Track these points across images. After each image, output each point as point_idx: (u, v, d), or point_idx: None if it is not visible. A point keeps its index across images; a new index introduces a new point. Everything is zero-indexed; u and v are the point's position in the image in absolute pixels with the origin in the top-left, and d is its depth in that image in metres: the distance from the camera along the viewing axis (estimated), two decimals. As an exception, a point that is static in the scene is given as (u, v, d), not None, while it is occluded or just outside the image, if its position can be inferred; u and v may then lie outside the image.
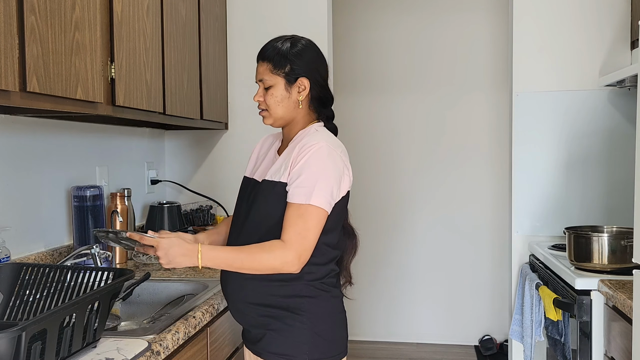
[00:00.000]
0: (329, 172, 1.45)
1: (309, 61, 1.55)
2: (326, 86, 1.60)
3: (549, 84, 2.88)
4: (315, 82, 1.56)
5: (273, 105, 1.55)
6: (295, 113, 1.57)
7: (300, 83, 1.54)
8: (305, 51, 1.56)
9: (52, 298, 1.42)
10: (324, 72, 1.60)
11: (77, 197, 2.11)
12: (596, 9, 2.82)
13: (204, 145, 2.97)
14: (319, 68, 1.58)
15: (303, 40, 1.59)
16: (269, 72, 1.55)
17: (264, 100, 1.56)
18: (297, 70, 1.54)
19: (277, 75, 1.54)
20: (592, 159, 2.84)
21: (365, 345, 4.11)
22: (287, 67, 1.54)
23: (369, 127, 4.15)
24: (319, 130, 1.56)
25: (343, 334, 1.61)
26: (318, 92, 1.57)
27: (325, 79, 1.60)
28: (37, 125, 1.98)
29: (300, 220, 1.42)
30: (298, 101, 1.55)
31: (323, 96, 1.59)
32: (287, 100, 1.55)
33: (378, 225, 4.16)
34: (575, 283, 2.12)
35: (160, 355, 1.35)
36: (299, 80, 1.54)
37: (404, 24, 4.09)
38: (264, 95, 1.56)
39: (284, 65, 1.54)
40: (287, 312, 1.49)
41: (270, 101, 1.55)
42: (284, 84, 1.54)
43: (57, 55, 1.46)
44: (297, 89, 1.55)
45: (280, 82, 1.54)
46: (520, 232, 2.93)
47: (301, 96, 1.55)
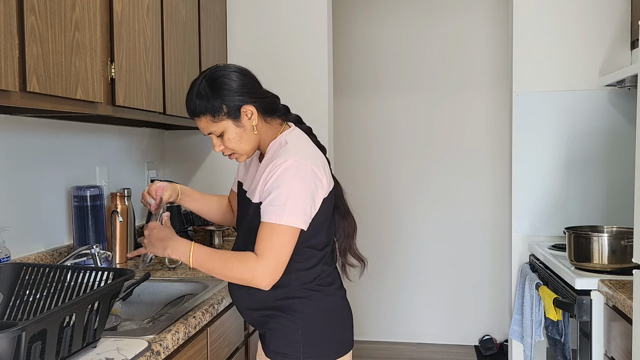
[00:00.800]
0: (299, 190, 1.42)
1: (236, 87, 1.47)
2: (264, 94, 1.53)
3: (549, 84, 2.88)
4: (255, 100, 1.49)
5: (236, 146, 1.51)
6: (258, 137, 1.52)
7: (245, 111, 1.48)
8: (225, 80, 1.47)
9: (52, 298, 1.42)
10: (254, 84, 1.52)
11: (77, 197, 2.11)
12: (596, 9, 2.82)
13: (204, 145, 2.97)
14: (248, 86, 1.49)
15: (215, 72, 1.49)
16: (212, 123, 1.48)
17: (226, 147, 1.52)
18: (233, 104, 1.46)
19: (221, 120, 1.47)
20: (592, 159, 2.84)
21: (366, 345, 4.11)
22: (224, 108, 1.46)
23: (368, 128, 4.15)
24: (288, 141, 1.51)
25: (342, 331, 1.59)
26: (262, 105, 1.51)
27: (259, 90, 1.52)
28: (37, 125, 1.98)
29: (274, 236, 1.40)
30: (253, 127, 1.50)
31: (269, 104, 1.53)
32: (245, 133, 1.50)
33: (378, 226, 4.15)
34: (575, 283, 2.12)
35: (160, 355, 1.35)
36: (241, 109, 1.48)
37: (403, 24, 4.08)
38: (222, 142, 1.51)
39: (219, 108, 1.46)
40: (280, 313, 1.51)
41: (232, 145, 1.50)
42: (232, 123, 1.48)
43: (57, 55, 1.46)
44: (246, 117, 1.49)
45: (228, 124, 1.48)
46: (520, 232, 2.93)
47: (253, 120, 1.49)
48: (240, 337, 1.99)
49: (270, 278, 1.41)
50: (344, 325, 1.60)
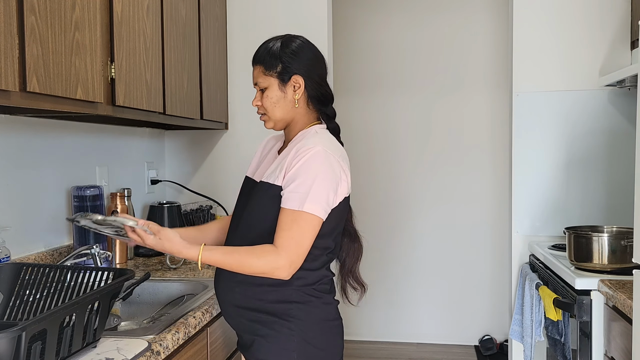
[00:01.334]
0: (324, 178, 1.41)
1: (301, 59, 1.51)
2: (323, 84, 1.56)
3: (549, 84, 2.88)
4: (311, 79, 1.52)
5: (270, 107, 1.53)
6: (293, 113, 1.54)
7: (295, 81, 1.51)
8: (297, 49, 1.52)
9: (52, 298, 1.42)
10: (320, 69, 1.56)
11: (77, 197, 2.11)
12: (596, 9, 2.82)
13: (204, 145, 2.97)
14: (314, 65, 1.53)
15: (296, 39, 1.55)
16: (262, 74, 1.53)
17: (262, 104, 1.54)
18: (289, 68, 1.50)
19: (270, 76, 1.51)
20: (592, 159, 2.84)
21: (365, 345, 4.11)
22: (279, 67, 1.50)
23: (368, 128, 4.15)
24: (318, 133, 1.52)
25: (336, 342, 1.54)
26: (315, 90, 1.53)
27: (322, 76, 1.56)
28: (37, 125, 1.98)
29: (295, 226, 1.38)
30: (294, 100, 1.52)
31: (321, 94, 1.55)
32: (283, 100, 1.52)
33: (378, 226, 4.16)
34: (575, 283, 2.12)
35: (160, 355, 1.35)
36: (292, 78, 1.51)
37: (403, 24, 4.09)
38: (261, 98, 1.54)
39: (275, 65, 1.51)
40: (275, 318, 1.46)
41: (267, 104, 1.53)
42: (277, 84, 1.51)
43: (57, 55, 1.46)
44: (292, 87, 1.51)
45: (273, 82, 1.51)
46: (520, 232, 2.93)
47: (297, 94, 1.51)
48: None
49: (292, 269, 1.39)
50: (336, 336, 1.55)
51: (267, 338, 1.46)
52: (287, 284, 1.45)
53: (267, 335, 1.46)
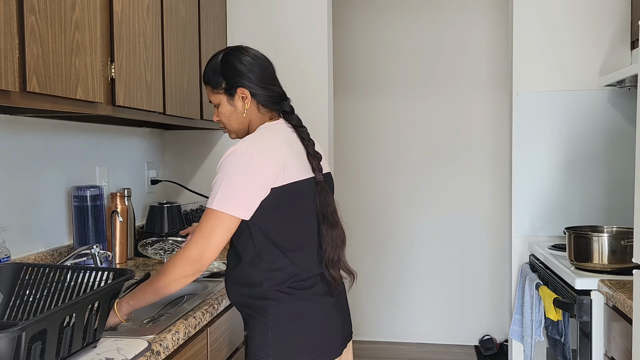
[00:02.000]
0: (233, 176, 1.43)
1: (242, 70, 1.56)
2: (269, 87, 1.59)
3: (549, 84, 2.88)
4: (256, 86, 1.57)
5: (226, 121, 1.62)
6: (247, 120, 1.60)
7: (241, 93, 1.57)
8: (236, 61, 1.57)
9: (52, 298, 1.42)
10: (262, 73, 1.59)
11: (77, 197, 2.11)
12: (596, 9, 2.82)
13: (204, 145, 2.97)
14: (254, 72, 1.57)
15: (234, 51, 1.60)
16: (212, 93, 1.61)
17: (219, 119, 1.63)
18: (232, 82, 1.57)
19: (218, 93, 1.60)
20: (592, 159, 2.84)
21: (365, 345, 4.11)
22: (223, 83, 1.58)
23: (368, 127, 4.15)
24: (256, 132, 1.56)
25: (323, 339, 1.54)
26: (262, 95, 1.58)
27: (266, 80, 1.59)
28: (37, 125, 1.98)
29: (204, 222, 1.44)
30: (244, 110, 1.58)
31: (269, 97, 1.59)
32: (235, 113, 1.59)
33: (378, 226, 4.16)
34: (575, 283, 2.12)
35: (160, 355, 1.35)
36: (237, 91, 1.57)
37: (403, 25, 4.08)
38: (218, 114, 1.63)
39: (220, 82, 1.58)
40: (255, 314, 1.52)
41: (223, 118, 1.62)
42: (226, 99, 1.59)
43: (57, 55, 1.46)
44: (240, 99, 1.58)
45: (222, 98, 1.59)
46: (520, 232, 2.93)
47: (246, 104, 1.58)
48: (240, 337, 1.99)
49: (200, 256, 1.42)
50: (322, 332, 1.54)
51: (251, 332, 1.54)
52: (258, 284, 1.50)
53: (251, 329, 1.54)
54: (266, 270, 1.49)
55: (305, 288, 1.52)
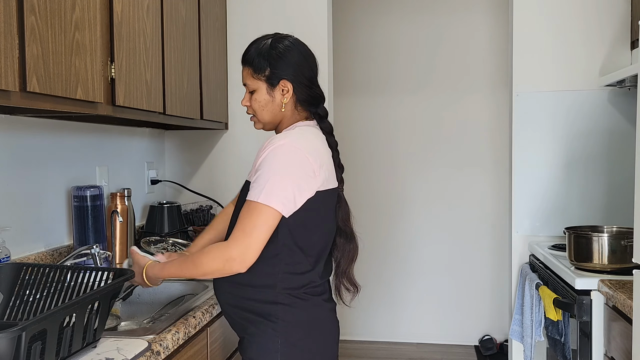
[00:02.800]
0: (285, 170, 1.37)
1: (290, 62, 1.49)
2: (312, 86, 1.54)
3: (549, 84, 2.88)
4: (299, 83, 1.51)
5: (258, 110, 1.53)
6: (281, 115, 1.53)
7: (283, 85, 1.50)
8: (286, 51, 1.50)
9: (52, 298, 1.42)
10: (309, 71, 1.54)
11: (77, 197, 2.11)
12: (596, 9, 2.82)
13: (204, 145, 2.97)
14: (302, 68, 1.52)
15: (285, 40, 1.53)
16: (251, 77, 1.52)
17: (251, 106, 1.54)
18: (277, 72, 1.49)
19: (258, 79, 1.51)
20: (592, 159, 2.84)
21: (365, 345, 4.11)
22: (267, 70, 1.49)
23: (368, 128, 4.15)
24: (296, 129, 1.51)
25: (324, 345, 1.51)
26: (303, 93, 1.52)
27: (311, 78, 1.54)
28: (37, 125, 1.98)
29: (247, 216, 1.36)
30: (282, 104, 1.51)
31: (309, 96, 1.54)
32: (271, 104, 1.52)
33: (378, 226, 4.16)
34: (575, 283, 2.12)
35: (160, 355, 1.35)
36: (281, 82, 1.50)
37: (403, 25, 4.09)
38: (250, 99, 1.54)
39: (263, 68, 1.49)
40: (261, 318, 1.45)
41: (256, 106, 1.53)
42: (265, 88, 1.51)
43: (57, 55, 1.46)
44: (280, 91, 1.50)
45: (262, 86, 1.51)
46: (520, 232, 2.93)
47: (285, 99, 1.50)
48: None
49: (244, 259, 1.35)
50: (328, 339, 1.53)
51: (253, 337, 1.46)
52: (271, 286, 1.44)
53: (254, 335, 1.46)
54: (283, 272, 1.43)
55: (317, 294, 1.50)
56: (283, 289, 1.44)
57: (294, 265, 1.45)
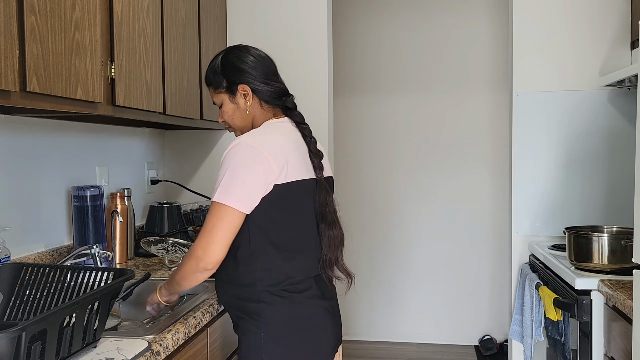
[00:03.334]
0: (238, 168, 1.42)
1: (241, 67, 1.58)
2: (271, 82, 1.60)
3: (549, 84, 2.88)
4: (257, 83, 1.58)
5: (230, 120, 1.63)
6: (250, 117, 1.61)
7: (242, 90, 1.58)
8: (236, 59, 1.59)
9: (52, 298, 1.42)
10: (264, 69, 1.60)
11: (77, 197, 2.11)
12: (596, 9, 2.82)
13: (204, 145, 2.97)
14: (255, 68, 1.59)
15: (234, 49, 1.62)
16: (214, 94, 1.63)
17: (225, 120, 1.64)
18: (232, 80, 1.58)
19: (220, 93, 1.62)
20: (592, 159, 2.84)
21: (365, 345, 4.11)
22: (224, 82, 1.59)
23: (368, 127, 4.15)
24: (259, 128, 1.57)
25: (314, 343, 1.52)
26: (264, 91, 1.59)
27: (267, 76, 1.60)
28: (37, 125, 1.98)
29: (208, 217, 1.44)
30: (247, 107, 1.59)
31: (271, 92, 1.60)
32: (238, 111, 1.61)
33: (378, 225, 4.16)
34: (575, 283, 2.12)
35: (160, 355, 1.35)
36: (239, 88, 1.58)
37: (403, 24, 4.09)
38: (222, 114, 1.64)
39: (220, 82, 1.60)
40: (247, 317, 1.50)
41: (226, 118, 1.63)
42: (228, 98, 1.61)
43: (57, 55, 1.46)
44: (242, 96, 1.59)
45: (224, 98, 1.61)
46: (520, 232, 2.93)
47: (248, 101, 1.58)
48: (240, 337, 1.99)
49: (205, 254, 1.42)
50: (315, 335, 1.52)
51: (243, 335, 1.53)
52: (251, 284, 1.48)
53: (243, 333, 1.52)
54: (259, 270, 1.48)
55: (299, 291, 1.51)
56: (263, 287, 1.48)
57: (269, 262, 1.49)
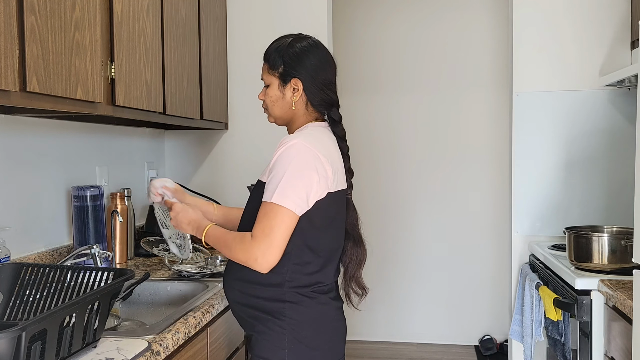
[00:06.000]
0: (297, 170, 1.39)
1: (304, 62, 1.51)
2: (326, 90, 1.54)
3: (549, 84, 2.88)
4: (311, 84, 1.52)
5: (270, 105, 1.57)
6: (292, 113, 1.55)
7: (294, 84, 1.52)
8: (302, 52, 1.52)
9: (52, 298, 1.42)
10: (325, 75, 1.54)
11: (77, 197, 2.11)
12: (596, 9, 2.82)
13: (204, 145, 2.97)
14: (317, 70, 1.52)
15: (304, 40, 1.55)
16: (267, 72, 1.56)
17: (265, 99, 1.58)
18: (290, 71, 1.52)
19: (272, 75, 1.55)
20: (592, 159, 2.84)
21: (365, 345, 4.11)
22: (281, 68, 1.52)
23: (369, 128, 4.15)
24: (308, 129, 1.52)
25: (332, 343, 1.53)
26: (315, 95, 1.53)
27: (325, 82, 1.54)
28: (37, 125, 1.98)
29: (265, 218, 1.39)
30: (292, 102, 1.53)
31: (322, 99, 1.55)
32: (282, 100, 1.54)
33: (378, 226, 4.15)
34: (575, 283, 2.12)
35: (160, 355, 1.35)
36: (292, 81, 1.52)
37: (403, 24, 4.09)
38: (264, 94, 1.58)
39: (278, 65, 1.53)
40: (269, 316, 1.47)
41: (268, 101, 1.57)
42: (277, 84, 1.54)
43: (57, 55, 1.46)
44: (291, 89, 1.53)
45: (274, 82, 1.54)
46: (520, 232, 2.93)
47: (295, 97, 1.53)
48: (240, 337, 1.99)
49: (264, 259, 1.39)
50: (335, 337, 1.54)
51: (262, 335, 1.48)
52: (279, 284, 1.46)
53: (262, 332, 1.48)
54: (291, 272, 1.45)
55: (323, 292, 1.52)
56: (291, 288, 1.46)
57: (303, 265, 1.46)
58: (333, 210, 1.50)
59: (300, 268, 1.46)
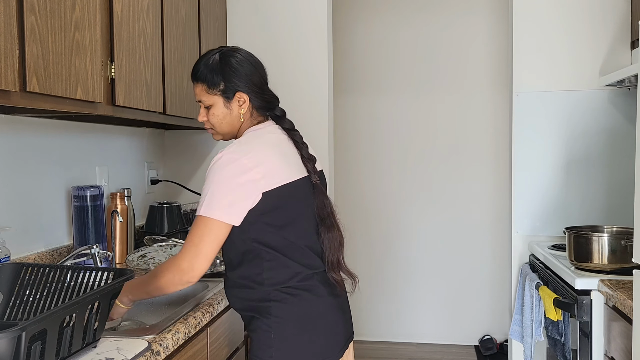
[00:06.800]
0: (220, 182, 1.42)
1: (242, 74, 1.53)
2: (265, 91, 1.58)
3: (549, 84, 2.88)
4: (253, 92, 1.55)
5: (217, 124, 1.57)
6: (239, 124, 1.58)
7: (239, 97, 1.54)
8: (237, 65, 1.54)
9: (52, 298, 1.42)
10: (259, 79, 1.57)
11: (77, 197, 2.11)
12: (596, 9, 2.82)
13: (204, 145, 2.97)
14: (254, 77, 1.55)
15: (235, 52, 1.57)
16: (205, 93, 1.55)
17: (209, 120, 1.58)
18: (231, 86, 1.53)
19: (213, 94, 1.54)
20: (592, 159, 2.84)
21: (365, 345, 4.11)
22: (222, 85, 1.53)
23: (368, 128, 4.15)
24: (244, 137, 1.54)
25: (321, 339, 1.52)
26: (258, 100, 1.56)
27: (262, 85, 1.57)
28: (37, 125, 1.98)
29: (194, 230, 1.43)
30: (240, 114, 1.55)
31: (264, 102, 1.58)
32: (230, 116, 1.56)
33: (378, 226, 4.16)
34: (575, 283, 2.12)
35: (160, 355, 1.35)
36: (236, 94, 1.53)
37: (403, 24, 4.09)
38: (207, 114, 1.57)
39: (217, 83, 1.53)
40: (258, 315, 1.50)
41: (214, 120, 1.57)
42: (222, 102, 1.54)
43: (57, 55, 1.46)
44: (237, 103, 1.54)
45: (218, 100, 1.54)
46: (520, 232, 2.93)
47: (242, 109, 1.55)
48: (240, 337, 1.99)
49: (190, 266, 1.41)
50: (324, 333, 1.53)
51: (253, 333, 1.52)
52: (260, 284, 1.48)
53: (253, 331, 1.52)
54: (266, 270, 1.48)
55: (307, 289, 1.51)
56: (272, 285, 1.48)
57: (275, 260, 1.49)
58: (287, 204, 1.49)
59: (273, 264, 1.48)
